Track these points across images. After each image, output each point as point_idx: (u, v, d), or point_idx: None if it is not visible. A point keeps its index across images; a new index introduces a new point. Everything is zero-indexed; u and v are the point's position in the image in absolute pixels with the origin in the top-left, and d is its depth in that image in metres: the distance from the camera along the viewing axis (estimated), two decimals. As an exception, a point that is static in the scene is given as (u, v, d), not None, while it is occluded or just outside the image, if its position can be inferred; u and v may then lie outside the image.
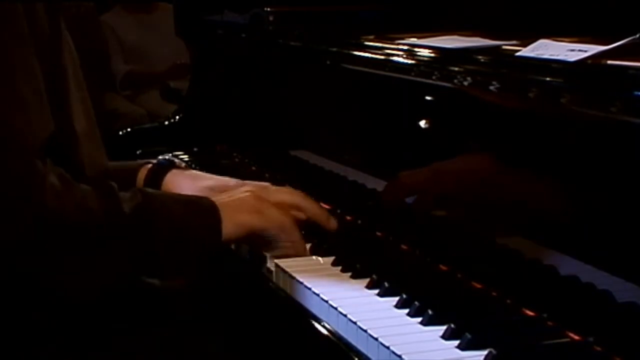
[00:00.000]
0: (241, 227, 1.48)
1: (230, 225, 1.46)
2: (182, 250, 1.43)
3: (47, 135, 1.36)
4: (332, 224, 1.60)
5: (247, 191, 1.55)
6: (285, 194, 1.61)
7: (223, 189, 1.66)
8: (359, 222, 1.75)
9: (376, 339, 1.21)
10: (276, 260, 1.53)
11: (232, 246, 1.61)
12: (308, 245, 1.59)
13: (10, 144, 1.31)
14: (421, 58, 1.61)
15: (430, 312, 1.26)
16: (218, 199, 1.50)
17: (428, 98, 1.62)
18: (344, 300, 1.35)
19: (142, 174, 1.75)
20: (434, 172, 1.63)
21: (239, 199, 1.51)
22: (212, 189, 1.69)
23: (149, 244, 1.39)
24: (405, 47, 1.66)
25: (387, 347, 1.19)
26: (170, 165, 1.78)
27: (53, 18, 1.46)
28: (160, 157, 1.83)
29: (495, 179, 1.49)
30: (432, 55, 1.60)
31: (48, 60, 1.41)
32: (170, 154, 1.88)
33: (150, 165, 1.77)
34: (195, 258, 1.45)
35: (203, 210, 1.46)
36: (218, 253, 1.49)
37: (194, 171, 1.86)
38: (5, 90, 1.32)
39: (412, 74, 1.61)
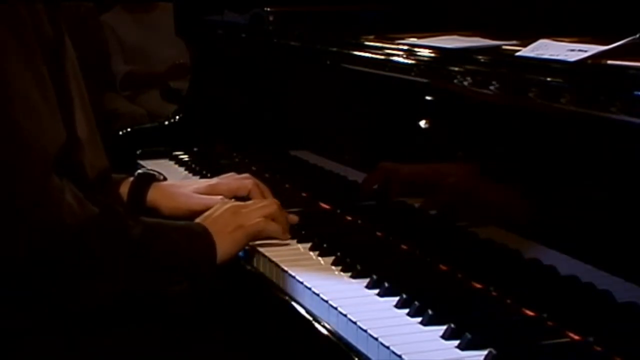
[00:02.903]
0: (231, 247, 1.56)
1: (222, 248, 1.54)
2: (181, 272, 1.49)
3: (61, 143, 1.37)
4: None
5: (225, 209, 1.61)
6: (259, 209, 1.64)
7: (209, 191, 1.78)
8: (359, 222, 1.75)
9: (376, 339, 1.22)
10: (276, 260, 1.53)
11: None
12: (308, 245, 1.60)
13: (26, 155, 1.33)
14: (421, 58, 1.61)
15: (430, 312, 1.26)
16: (208, 225, 1.56)
17: (428, 98, 1.62)
18: (344, 300, 1.35)
19: (124, 187, 1.78)
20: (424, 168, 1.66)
21: (223, 219, 1.58)
22: (197, 190, 1.79)
23: (151, 266, 1.46)
24: (405, 47, 1.66)
25: (387, 347, 1.19)
26: (151, 178, 1.81)
27: (55, 24, 1.45)
28: (139, 170, 1.85)
29: (493, 178, 1.49)
30: (432, 55, 1.60)
31: (52, 67, 1.41)
32: (151, 168, 1.92)
33: (131, 179, 1.80)
34: (192, 277, 1.51)
35: (200, 237, 1.53)
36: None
37: (177, 182, 1.91)
38: (19, 101, 1.33)
39: (412, 74, 1.61)
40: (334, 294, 1.37)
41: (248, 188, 1.79)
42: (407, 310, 1.30)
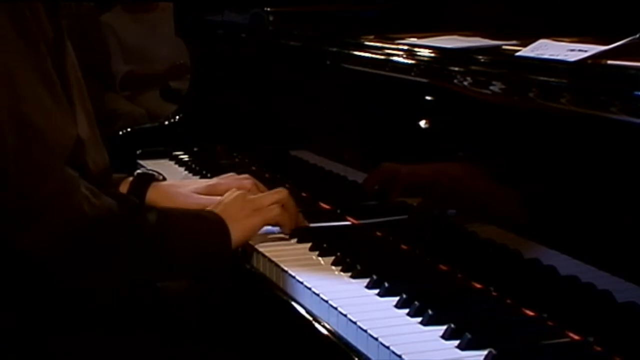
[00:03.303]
0: (247, 232, 1.57)
1: (237, 233, 1.55)
2: (197, 260, 1.51)
3: (74, 141, 1.39)
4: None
5: (235, 196, 1.62)
6: (271, 195, 1.65)
7: (208, 191, 1.77)
8: (359, 221, 1.75)
9: (376, 339, 1.22)
10: (276, 260, 1.53)
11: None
12: (308, 245, 1.60)
13: (42, 150, 1.35)
14: (421, 58, 1.61)
15: (430, 312, 1.26)
16: (220, 212, 1.56)
17: (428, 98, 1.62)
18: (344, 300, 1.35)
19: (123, 187, 1.78)
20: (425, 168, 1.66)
21: (235, 205, 1.59)
22: (196, 190, 1.78)
23: (168, 255, 1.46)
24: (405, 47, 1.66)
25: (387, 347, 1.19)
26: (150, 178, 1.81)
27: (55, 25, 1.46)
28: (138, 170, 1.85)
29: (493, 178, 1.49)
30: (432, 55, 1.60)
31: (54, 67, 1.42)
32: (152, 168, 1.92)
33: (131, 179, 1.79)
34: (207, 265, 1.53)
35: (214, 224, 1.54)
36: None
37: (175, 181, 1.91)
38: (29, 99, 1.35)
39: (412, 74, 1.61)
40: (334, 294, 1.37)
41: (247, 188, 1.79)
42: (407, 310, 1.30)
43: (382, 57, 1.70)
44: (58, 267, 1.35)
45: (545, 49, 1.38)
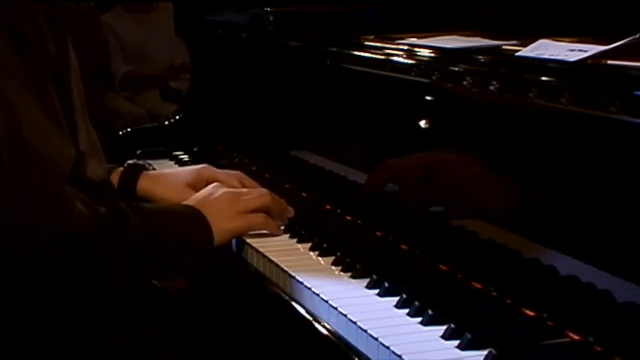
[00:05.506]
0: (228, 233, 1.58)
1: (220, 234, 1.56)
2: (180, 257, 1.52)
3: (71, 161, 1.39)
4: (290, 212, 1.72)
5: (222, 194, 1.62)
6: (255, 199, 1.65)
7: (195, 176, 1.80)
8: (359, 222, 1.75)
9: (376, 339, 1.22)
10: (276, 260, 1.53)
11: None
12: (308, 245, 1.60)
13: (42, 172, 1.35)
14: (421, 58, 1.61)
15: (430, 312, 1.26)
16: (203, 209, 1.57)
17: (428, 98, 1.62)
18: (344, 300, 1.35)
19: (114, 177, 1.78)
20: (423, 161, 1.66)
21: (221, 205, 1.59)
22: (189, 184, 1.80)
23: (155, 255, 1.48)
24: (405, 47, 1.66)
25: (387, 347, 1.19)
26: (140, 167, 1.82)
27: (59, 36, 1.45)
28: (129, 161, 1.86)
29: (494, 178, 1.49)
30: (432, 55, 1.60)
31: (56, 85, 1.42)
32: (144, 159, 1.92)
33: (121, 169, 1.80)
34: (191, 261, 1.54)
35: (196, 221, 1.55)
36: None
37: (165, 171, 1.93)
38: (28, 124, 1.35)
39: (412, 74, 1.61)
40: (334, 294, 1.37)
41: (232, 186, 1.78)
42: (407, 310, 1.30)
43: (382, 57, 1.70)
44: (53, 280, 1.36)
45: (545, 49, 1.38)
